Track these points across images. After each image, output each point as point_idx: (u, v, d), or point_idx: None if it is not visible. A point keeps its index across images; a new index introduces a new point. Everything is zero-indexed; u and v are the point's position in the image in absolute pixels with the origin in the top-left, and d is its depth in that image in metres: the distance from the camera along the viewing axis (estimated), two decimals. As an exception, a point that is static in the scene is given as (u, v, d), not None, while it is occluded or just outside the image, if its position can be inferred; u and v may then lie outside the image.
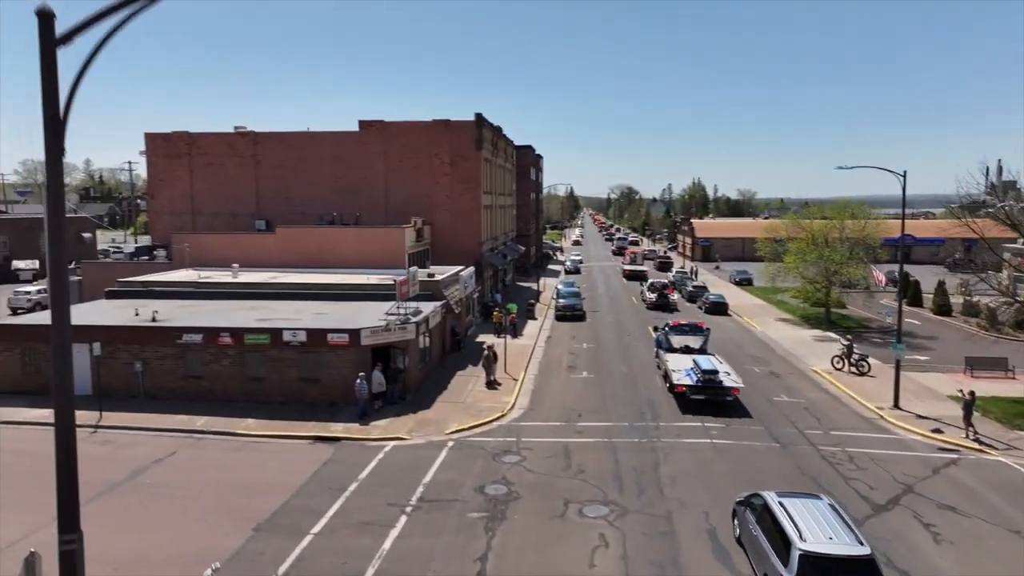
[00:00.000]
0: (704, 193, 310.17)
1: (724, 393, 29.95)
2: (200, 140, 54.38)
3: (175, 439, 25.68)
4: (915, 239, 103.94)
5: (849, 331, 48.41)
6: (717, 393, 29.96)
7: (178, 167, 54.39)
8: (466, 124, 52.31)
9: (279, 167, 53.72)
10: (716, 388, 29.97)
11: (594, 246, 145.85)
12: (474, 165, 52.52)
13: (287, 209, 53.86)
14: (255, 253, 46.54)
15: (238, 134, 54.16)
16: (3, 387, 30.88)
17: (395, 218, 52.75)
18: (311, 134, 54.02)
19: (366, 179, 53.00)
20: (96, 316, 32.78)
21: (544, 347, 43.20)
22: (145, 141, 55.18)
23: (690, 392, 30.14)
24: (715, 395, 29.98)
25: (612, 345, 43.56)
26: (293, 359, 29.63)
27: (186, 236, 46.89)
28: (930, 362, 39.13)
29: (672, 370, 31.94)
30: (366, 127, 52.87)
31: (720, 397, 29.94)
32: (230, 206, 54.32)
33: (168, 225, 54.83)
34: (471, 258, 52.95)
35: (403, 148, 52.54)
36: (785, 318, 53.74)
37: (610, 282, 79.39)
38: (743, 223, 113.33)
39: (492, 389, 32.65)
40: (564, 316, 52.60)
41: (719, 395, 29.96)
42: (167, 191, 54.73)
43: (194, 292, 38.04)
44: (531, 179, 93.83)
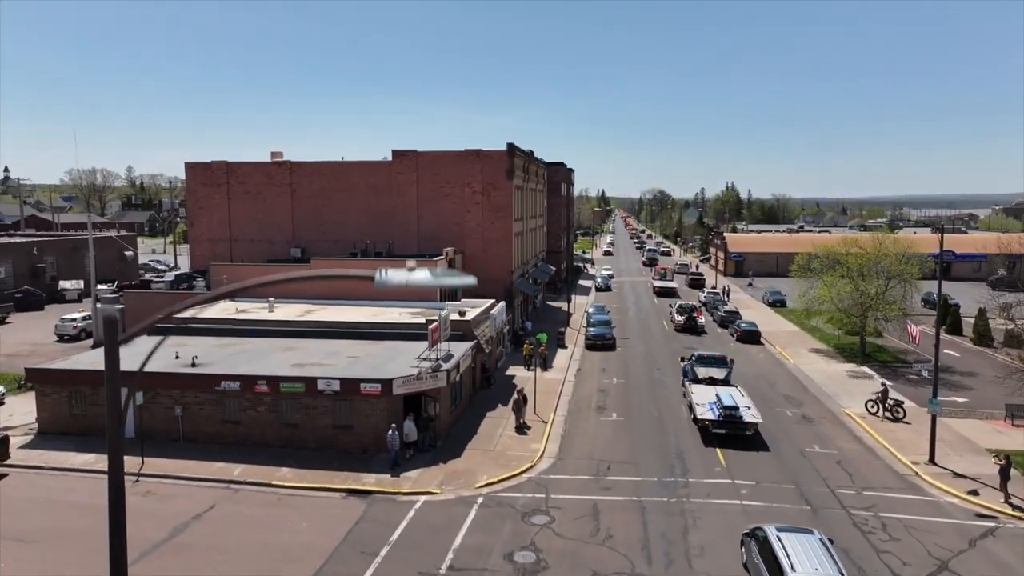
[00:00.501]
0: (737, 197, 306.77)
1: (743, 428, 31.93)
2: (238, 169, 55.66)
3: (213, 490, 26.43)
4: (955, 255, 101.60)
5: (885, 364, 47.67)
6: (737, 428, 32.00)
7: (217, 195, 55.74)
8: (497, 153, 52.69)
9: (314, 195, 54.73)
10: (736, 423, 32.01)
11: (625, 257, 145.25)
12: (505, 194, 52.87)
13: (321, 236, 54.87)
14: (290, 285, 47.36)
15: (275, 163, 55.31)
16: (52, 428, 32.08)
17: (427, 245, 53.39)
18: (345, 163, 54.93)
19: (398, 207, 53.72)
20: (139, 359, 33.74)
21: (574, 382, 43.34)
22: (185, 170, 56.69)
23: (712, 426, 32.30)
24: (735, 429, 32.03)
25: (642, 381, 43.52)
26: (327, 406, 30.27)
27: (224, 267, 48.04)
28: (969, 405, 38.35)
29: (696, 403, 34.12)
30: (399, 156, 53.58)
31: (740, 431, 31.97)
32: (267, 233, 55.52)
33: (207, 251, 56.27)
34: (502, 287, 53.35)
35: (435, 177, 53.14)
36: (819, 348, 53.02)
37: (640, 302, 79.05)
38: (777, 238, 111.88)
39: (522, 434, 32.92)
40: (594, 345, 52.65)
41: (739, 429, 31.98)
42: (206, 218, 56.12)
43: (232, 329, 38.99)
44: (562, 195, 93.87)
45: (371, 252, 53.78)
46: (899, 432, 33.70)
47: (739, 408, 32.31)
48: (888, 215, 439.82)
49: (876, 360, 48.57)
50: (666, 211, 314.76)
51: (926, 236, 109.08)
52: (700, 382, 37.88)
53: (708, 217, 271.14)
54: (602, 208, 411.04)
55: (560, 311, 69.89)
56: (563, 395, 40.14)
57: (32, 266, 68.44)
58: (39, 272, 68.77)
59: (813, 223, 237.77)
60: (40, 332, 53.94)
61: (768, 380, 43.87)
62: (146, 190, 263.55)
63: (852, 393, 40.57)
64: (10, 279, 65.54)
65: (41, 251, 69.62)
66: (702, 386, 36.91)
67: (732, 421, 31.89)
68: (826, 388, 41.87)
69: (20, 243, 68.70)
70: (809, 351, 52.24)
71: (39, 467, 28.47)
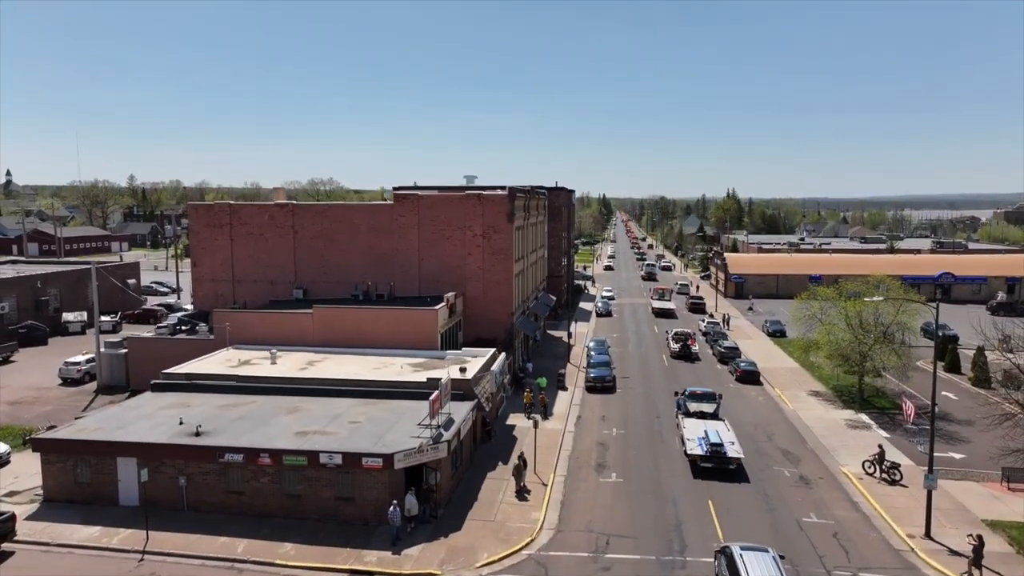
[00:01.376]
0: (738, 204, 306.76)
1: (728, 462, 36.64)
2: (241, 211, 56.05)
3: (217, 571, 26.79)
4: (955, 277, 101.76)
5: (883, 411, 47.93)
6: (722, 462, 36.62)
7: (220, 236, 56.10)
8: (498, 197, 53.04)
9: (316, 237, 55.09)
10: (721, 458, 36.58)
11: (626, 273, 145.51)
12: (506, 237, 53.20)
13: (323, 277, 55.24)
14: (293, 331, 47.87)
15: (277, 205, 55.69)
16: (57, 496, 32.47)
17: (428, 287, 53.79)
18: (347, 206, 55.36)
19: (400, 249, 54.07)
20: (144, 424, 34.17)
21: (574, 432, 43.66)
22: (188, 212, 57.08)
23: (700, 460, 36.91)
24: (720, 464, 36.67)
25: (641, 432, 43.84)
26: (329, 479, 30.64)
27: (226, 313, 48.42)
28: (966, 462, 38.65)
29: (687, 439, 38.79)
30: (400, 199, 53.96)
31: (724, 465, 36.63)
32: (269, 274, 55.90)
33: (210, 291, 56.66)
34: (503, 328, 53.75)
35: (436, 220, 53.50)
36: (817, 390, 53.29)
37: (640, 331, 79.29)
38: (777, 259, 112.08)
39: (522, 500, 33.27)
40: (594, 388, 53.00)
41: (724, 464, 36.65)
42: (209, 259, 56.49)
43: (235, 386, 39.34)
44: (562, 220, 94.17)
45: (373, 294, 54.14)
46: (896, 498, 34.00)
47: (724, 444, 37.08)
48: (889, 217, 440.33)
49: (874, 407, 48.83)
50: (666, 221, 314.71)
51: (926, 259, 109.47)
52: (692, 415, 42.42)
53: (709, 225, 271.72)
54: (603, 213, 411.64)
55: (560, 343, 70.22)
56: (563, 449, 40.47)
57: (36, 299, 68.88)
58: (42, 305, 69.19)
59: (814, 231, 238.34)
60: (44, 374, 54.32)
61: (766, 431, 44.17)
62: (148, 199, 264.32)
63: (850, 447, 40.89)
64: (14, 313, 65.96)
65: (45, 284, 70.05)
66: (693, 420, 41.45)
67: (718, 456, 36.58)
68: (824, 441, 42.17)
69: (24, 277, 69.05)
70: (808, 394, 52.54)
71: (45, 543, 28.81)
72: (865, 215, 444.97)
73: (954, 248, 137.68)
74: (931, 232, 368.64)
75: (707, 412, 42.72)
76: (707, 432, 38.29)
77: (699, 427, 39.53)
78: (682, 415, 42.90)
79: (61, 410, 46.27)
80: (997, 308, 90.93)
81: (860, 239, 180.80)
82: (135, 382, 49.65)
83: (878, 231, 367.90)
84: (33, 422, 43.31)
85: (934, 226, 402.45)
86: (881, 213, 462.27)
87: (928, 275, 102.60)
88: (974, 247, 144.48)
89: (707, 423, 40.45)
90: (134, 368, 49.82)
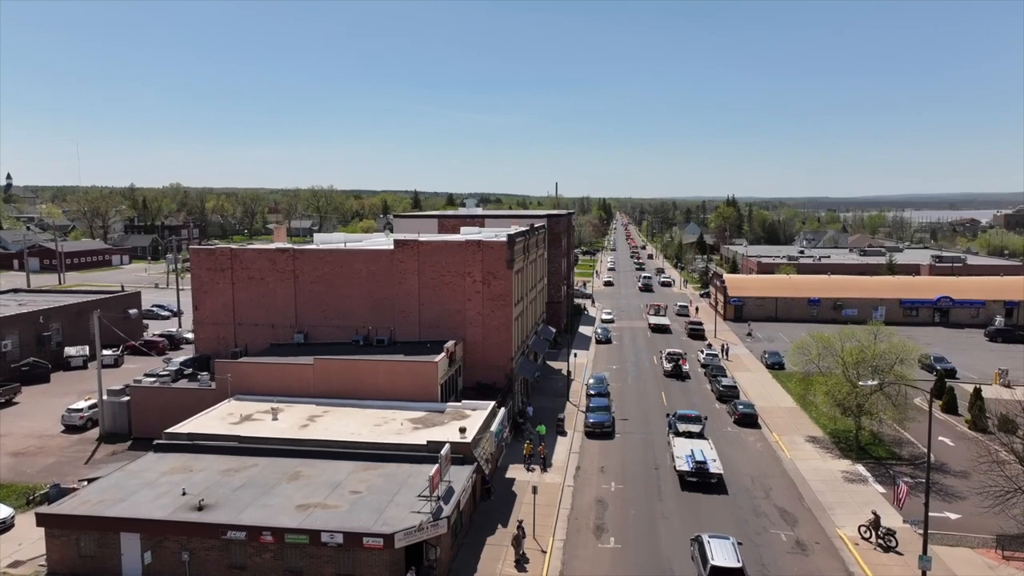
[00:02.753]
0: (738, 212, 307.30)
1: (710, 477, 43.74)
2: (242, 255, 56.45)
3: (220, 658, 27.13)
4: (953, 301, 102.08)
5: (880, 461, 48.25)
6: (705, 477, 43.70)
7: (221, 280, 56.50)
8: (497, 244, 53.41)
9: (316, 282, 55.49)
10: (704, 474, 43.70)
11: (625, 289, 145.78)
12: (505, 283, 53.58)
13: (324, 321, 55.65)
14: (294, 381, 48.25)
15: (278, 250, 56.08)
16: (61, 569, 32.84)
17: (428, 332, 54.19)
18: (347, 251, 55.71)
19: (400, 295, 54.46)
20: (147, 494, 34.51)
21: (573, 487, 44.02)
22: (189, 255, 57.47)
23: (686, 475, 43.96)
24: (704, 479, 43.72)
25: (639, 486, 44.20)
26: (330, 556, 31.00)
27: (228, 364, 48.78)
28: (961, 523, 38.96)
29: (676, 456, 45.87)
30: (400, 245, 54.33)
31: (707, 480, 43.76)
32: (270, 318, 56.30)
33: (211, 334, 57.09)
34: (502, 373, 54.17)
35: (436, 266, 53.88)
36: (815, 436, 53.58)
37: (640, 362, 79.57)
38: (776, 281, 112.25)
39: (521, 571, 33.62)
40: (593, 433, 53.38)
41: (707, 479, 43.74)
42: (210, 302, 56.89)
43: (237, 448, 39.69)
44: (562, 247, 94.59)
45: (373, 339, 54.56)
46: (892, 567, 34.34)
47: (707, 462, 44.20)
48: (889, 219, 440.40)
49: (871, 456, 49.13)
50: (666, 230, 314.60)
51: (925, 281, 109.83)
52: (681, 435, 49.24)
53: (709, 233, 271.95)
54: (603, 218, 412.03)
55: (559, 377, 70.60)
56: (562, 507, 40.82)
57: (38, 335, 69.26)
58: (45, 340, 69.60)
59: (814, 240, 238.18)
60: (46, 419, 54.64)
61: (764, 485, 44.51)
62: (149, 208, 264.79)
63: (847, 504, 41.25)
64: (16, 350, 66.33)
65: (47, 319, 70.42)
66: (682, 439, 48.38)
67: (702, 472, 43.64)
68: (822, 497, 42.52)
69: (27, 313, 69.42)
70: (805, 440, 52.85)
71: (50, 625, 29.16)
72: (865, 218, 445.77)
73: (952, 266, 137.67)
74: (931, 235, 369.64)
75: (694, 432, 49.62)
76: (693, 451, 45.47)
77: (687, 446, 46.81)
78: (672, 434, 49.94)
79: (64, 462, 46.66)
80: (995, 335, 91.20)
81: (860, 251, 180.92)
82: (138, 430, 50.12)
83: (878, 235, 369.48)
84: (36, 478, 43.69)
85: (934, 229, 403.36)
86: (881, 215, 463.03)
87: (926, 299, 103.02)
88: (973, 262, 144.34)
89: (694, 442, 47.56)
90: (137, 416, 50.22)
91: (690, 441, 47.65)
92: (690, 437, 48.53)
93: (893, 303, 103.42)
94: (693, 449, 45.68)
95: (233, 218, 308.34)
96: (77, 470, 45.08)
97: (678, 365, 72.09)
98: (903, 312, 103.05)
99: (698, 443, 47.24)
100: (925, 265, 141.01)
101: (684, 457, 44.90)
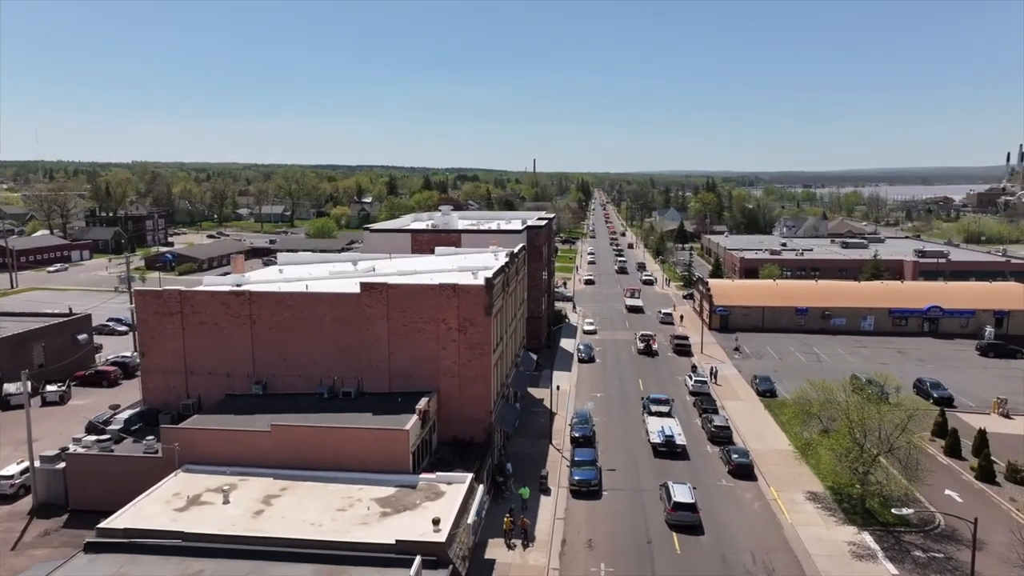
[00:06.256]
0: (718, 198, 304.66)
1: (676, 448, 56.02)
2: (192, 298, 51.22)
3: None
4: (942, 310, 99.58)
5: (888, 528, 44.90)
6: (673, 448, 55.99)
7: (170, 325, 51.32)
8: (475, 289, 48.77)
9: (275, 327, 50.54)
10: (672, 445, 56.03)
11: (608, 289, 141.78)
12: (484, 330, 49.06)
13: (285, 371, 50.87)
14: (250, 450, 43.45)
15: (232, 293, 50.96)
16: None
17: (399, 383, 49.73)
18: (310, 295, 50.73)
19: (368, 342, 49.75)
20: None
21: (559, 570, 40.13)
22: (135, 298, 52.20)
23: (658, 447, 56.20)
24: (671, 449, 55.99)
25: (631, 563, 40.45)
26: None
27: (175, 431, 43.78)
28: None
29: (649, 431, 58.74)
30: (368, 289, 49.44)
31: (674, 450, 55.97)
32: (225, 366, 51.37)
33: (160, 384, 52.14)
34: (480, 427, 49.94)
35: (407, 311, 49.18)
36: (815, 491, 49.99)
37: (626, 389, 75.72)
38: (762, 288, 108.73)
39: None
40: (579, 492, 49.44)
41: (673, 449, 55.97)
42: (159, 349, 51.75)
43: (181, 547, 34.98)
44: (542, 258, 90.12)
45: (339, 390, 49.96)
46: None
47: (674, 436, 56.76)
48: (865, 196, 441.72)
49: (878, 522, 45.61)
50: (646, 216, 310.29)
51: (914, 289, 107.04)
52: (653, 415, 62.29)
53: (689, 220, 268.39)
54: (582, 201, 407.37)
55: (541, 410, 66.50)
56: (547, 602, 36.92)
57: (-27, 373, 63.46)
58: (-19, 378, 63.82)
59: (794, 227, 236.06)
60: (-24, 482, 49.33)
61: (765, 562, 40.93)
62: (112, 195, 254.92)
63: (856, 590, 37.87)
64: (-51, 392, 60.58)
65: (-16, 354, 64.58)
66: (654, 418, 61.03)
67: (670, 444, 56.01)
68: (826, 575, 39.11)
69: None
70: (806, 497, 49.28)
71: None
72: (842, 196, 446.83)
73: (938, 262, 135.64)
74: (906, 215, 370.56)
75: (664, 412, 62.67)
76: (663, 428, 57.63)
77: (658, 423, 58.80)
78: (647, 414, 63.09)
79: (-10, 546, 41.66)
80: (987, 349, 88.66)
81: (842, 243, 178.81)
82: (76, 501, 45.31)
83: (855, 215, 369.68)
84: (-45, 572, 38.74)
85: (908, 208, 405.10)
86: (857, 194, 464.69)
87: (916, 308, 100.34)
88: (957, 257, 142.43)
89: (663, 420, 59.69)
90: (74, 486, 45.29)
91: (661, 420, 59.95)
92: (660, 416, 61.54)
93: (882, 312, 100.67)
94: (663, 426, 57.94)
95: (202, 204, 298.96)
96: (2, 558, 40.18)
97: (649, 345, 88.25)
98: (892, 321, 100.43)
99: (667, 421, 59.68)
100: (910, 262, 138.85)
101: (656, 432, 57.23)
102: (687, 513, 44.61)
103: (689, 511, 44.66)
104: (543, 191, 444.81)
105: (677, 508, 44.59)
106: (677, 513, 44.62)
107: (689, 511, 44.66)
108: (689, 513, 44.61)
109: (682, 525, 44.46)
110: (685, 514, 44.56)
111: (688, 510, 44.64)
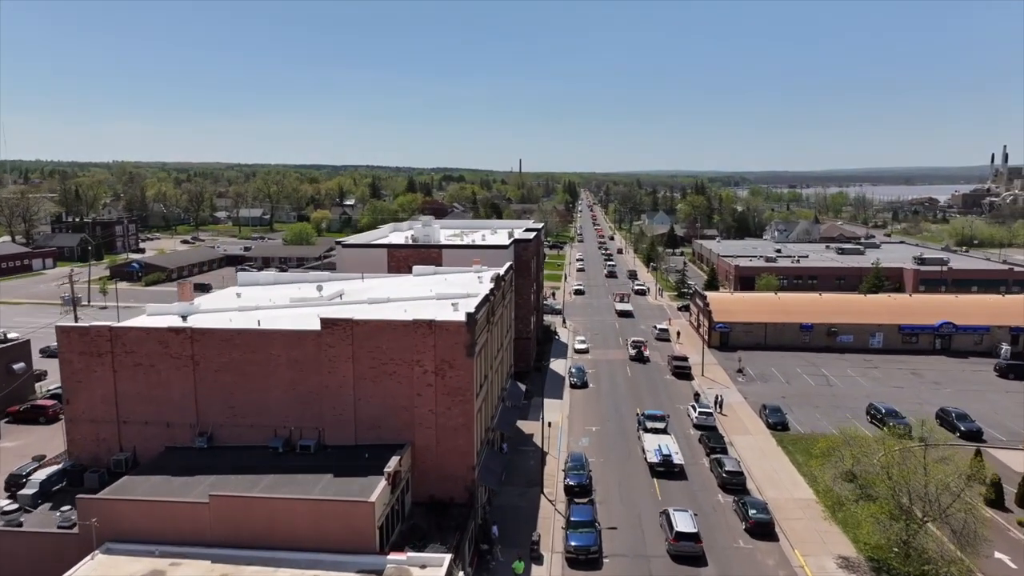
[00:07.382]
0: (708, 202, 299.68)
1: (674, 467, 53.89)
2: (125, 335, 43.93)
3: None
4: (955, 327, 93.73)
5: (935, 607, 38.43)
6: (670, 467, 53.91)
7: (99, 367, 44.02)
8: (454, 325, 41.79)
9: (222, 370, 43.36)
10: (669, 464, 53.98)
11: (598, 300, 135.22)
12: (465, 374, 42.14)
13: (233, 420, 43.74)
14: (185, 524, 36.22)
15: (171, 330, 43.66)
16: None
17: (366, 434, 42.77)
18: (261, 331, 43.51)
19: (331, 387, 42.71)
20: None
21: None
22: (57, 335, 44.77)
23: (655, 466, 54.17)
24: (668, 468, 53.89)
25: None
26: None
27: (94, 503, 36.46)
28: None
29: (646, 449, 56.64)
30: (329, 326, 42.33)
31: (671, 469, 53.83)
32: (164, 414, 44.14)
33: (88, 435, 44.84)
34: (461, 485, 43.00)
35: (376, 352, 42.16)
36: (847, 557, 43.37)
37: (622, 417, 68.96)
38: (764, 303, 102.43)
39: None
40: (577, 561, 42.61)
41: (671, 468, 53.87)
42: (86, 394, 44.44)
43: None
44: (531, 273, 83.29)
45: (296, 443, 42.90)
46: None
47: (672, 455, 54.56)
48: (851, 197, 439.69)
49: (925, 600, 39.22)
50: (634, 218, 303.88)
51: (924, 302, 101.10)
52: (649, 431, 60.31)
53: (679, 223, 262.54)
54: (569, 203, 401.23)
55: (531, 449, 59.73)
56: None
57: None
58: None
59: (786, 231, 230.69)
60: None
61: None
62: (83, 199, 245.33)
63: None
64: None
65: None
66: (650, 435, 59.05)
67: (667, 463, 53.98)
68: None
69: None
70: (837, 564, 42.65)
71: None
72: (829, 197, 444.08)
73: (940, 271, 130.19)
74: (892, 216, 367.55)
75: (660, 428, 60.99)
76: (660, 446, 55.89)
77: (654, 441, 57.26)
78: (642, 431, 61.20)
79: None
80: (1007, 370, 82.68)
81: (837, 249, 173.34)
82: (-23, 584, 37.81)
83: (842, 216, 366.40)
84: None
85: (895, 209, 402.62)
86: (843, 195, 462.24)
87: (927, 324, 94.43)
88: (957, 265, 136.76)
89: (660, 437, 58.23)
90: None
91: (657, 437, 58.36)
92: (656, 433, 59.79)
93: (892, 329, 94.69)
94: (660, 444, 56.16)
95: (177, 207, 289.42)
96: None
97: (640, 352, 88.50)
98: (902, 338, 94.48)
99: (664, 438, 57.98)
100: (910, 270, 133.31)
101: (653, 451, 55.44)
102: (689, 543, 42.47)
103: (691, 541, 42.54)
104: (529, 192, 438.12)
105: (679, 538, 42.62)
106: (679, 543, 42.54)
107: (691, 541, 42.54)
108: (691, 543, 42.46)
109: (684, 556, 42.48)
110: (687, 544, 42.44)
111: (690, 540, 42.54)
